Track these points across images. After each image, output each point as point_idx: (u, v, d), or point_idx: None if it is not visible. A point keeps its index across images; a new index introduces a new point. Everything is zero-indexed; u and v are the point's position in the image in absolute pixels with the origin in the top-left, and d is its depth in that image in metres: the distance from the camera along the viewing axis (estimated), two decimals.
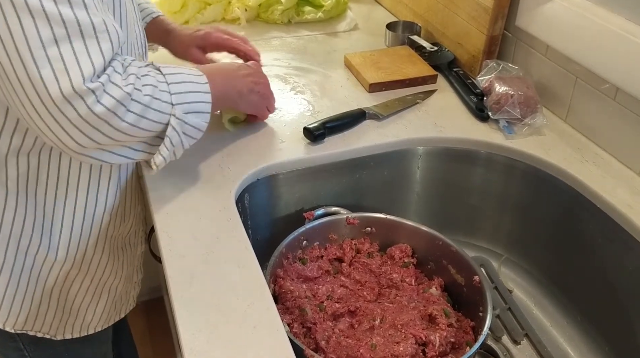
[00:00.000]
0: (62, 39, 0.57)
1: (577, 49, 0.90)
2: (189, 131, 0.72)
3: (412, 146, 0.97)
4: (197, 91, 0.72)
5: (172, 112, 0.69)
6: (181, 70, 0.72)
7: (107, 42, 0.60)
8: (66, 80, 0.57)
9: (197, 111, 0.73)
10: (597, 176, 0.86)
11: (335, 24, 1.34)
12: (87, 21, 0.58)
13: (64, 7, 0.56)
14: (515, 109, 0.94)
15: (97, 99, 0.59)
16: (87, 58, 0.58)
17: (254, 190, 0.89)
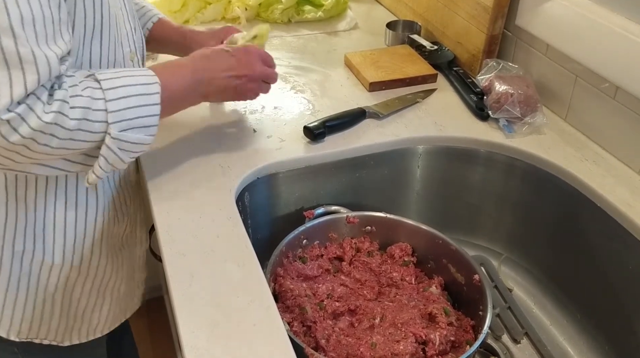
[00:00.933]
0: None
1: (577, 48, 0.90)
2: (127, 147, 0.68)
3: (412, 145, 0.97)
4: (142, 105, 0.68)
5: (108, 130, 0.65)
6: (127, 82, 0.68)
7: (33, 74, 0.58)
8: None
9: (140, 126, 0.69)
10: (597, 175, 0.86)
11: (336, 23, 1.34)
12: (13, 50, 0.56)
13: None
14: (515, 108, 0.94)
15: (13, 129, 0.58)
16: (6, 88, 0.56)
17: (254, 189, 0.89)
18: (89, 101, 0.64)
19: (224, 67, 0.81)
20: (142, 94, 0.68)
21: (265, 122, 0.99)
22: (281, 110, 1.03)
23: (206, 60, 0.81)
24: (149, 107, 0.69)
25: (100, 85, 0.65)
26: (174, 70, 0.77)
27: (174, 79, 0.75)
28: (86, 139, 0.65)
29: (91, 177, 0.69)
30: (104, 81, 0.66)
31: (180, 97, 0.77)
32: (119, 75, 0.68)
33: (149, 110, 0.69)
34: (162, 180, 0.84)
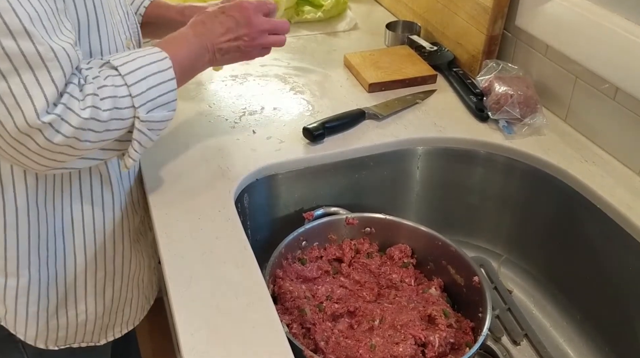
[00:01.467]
0: (9, 73, 0.55)
1: (576, 48, 0.90)
2: (155, 126, 0.70)
3: (411, 146, 0.97)
4: (161, 82, 0.69)
5: (136, 114, 0.66)
6: (141, 63, 0.68)
7: (58, 70, 0.58)
8: (20, 116, 0.56)
9: (163, 103, 0.69)
10: (597, 176, 0.86)
11: (335, 24, 1.34)
12: (33, 51, 0.56)
13: (6, 40, 0.55)
14: (514, 109, 0.93)
15: (56, 130, 0.58)
16: (38, 90, 0.56)
17: (253, 190, 0.89)
18: (113, 89, 0.64)
19: (222, 30, 0.79)
20: (157, 71, 0.69)
21: (264, 123, 0.99)
22: (280, 111, 1.03)
23: (202, 25, 0.79)
24: (167, 84, 0.69)
25: (118, 72, 0.65)
26: (176, 42, 0.76)
27: (179, 51, 0.74)
28: (118, 127, 0.65)
29: (128, 161, 0.70)
30: (121, 67, 0.66)
31: (190, 67, 0.77)
32: (131, 57, 0.68)
33: (167, 86, 0.69)
34: (161, 181, 0.84)
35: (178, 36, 0.77)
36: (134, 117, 0.66)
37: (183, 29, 0.79)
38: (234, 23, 0.80)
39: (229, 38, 0.79)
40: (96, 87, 0.62)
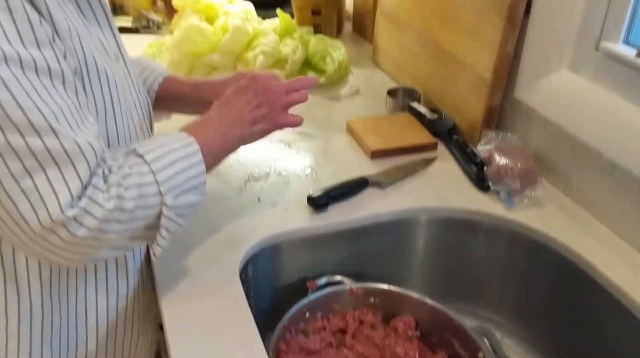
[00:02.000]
0: (34, 170, 0.55)
1: (575, 124, 0.93)
2: (184, 211, 0.69)
3: (414, 215, 0.98)
4: (188, 167, 0.69)
5: (163, 201, 0.66)
6: (167, 149, 0.68)
7: (83, 164, 0.58)
8: (44, 212, 0.56)
9: (191, 188, 0.69)
10: (598, 251, 0.87)
11: (338, 89, 1.37)
12: (58, 147, 0.56)
13: (32, 139, 0.55)
14: (515, 182, 0.95)
15: (80, 223, 0.58)
16: (63, 185, 0.56)
17: (257, 260, 0.89)
18: (139, 177, 0.64)
19: (244, 103, 0.81)
20: (184, 156, 0.69)
21: (269, 190, 1.01)
22: (285, 177, 1.05)
23: (226, 106, 0.81)
24: (195, 168, 0.69)
25: (144, 159, 0.65)
26: (202, 125, 0.77)
27: (206, 133, 0.75)
28: (145, 215, 0.65)
29: (157, 250, 0.69)
30: (147, 154, 0.66)
31: (219, 148, 0.77)
32: (156, 144, 0.68)
33: (195, 171, 0.69)
34: (167, 255, 0.83)
35: (204, 119, 0.79)
36: (162, 204, 0.66)
37: (209, 112, 0.80)
38: (252, 94, 0.82)
39: (252, 107, 0.81)
40: (120, 177, 0.62)
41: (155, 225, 0.68)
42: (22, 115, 0.54)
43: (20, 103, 0.54)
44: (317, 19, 1.57)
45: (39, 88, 0.56)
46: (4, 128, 0.54)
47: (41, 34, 0.57)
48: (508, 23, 1.00)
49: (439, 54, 1.21)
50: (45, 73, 0.57)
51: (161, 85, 0.94)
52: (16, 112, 0.54)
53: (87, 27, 0.68)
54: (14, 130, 0.54)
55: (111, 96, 0.68)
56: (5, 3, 0.54)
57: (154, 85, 0.94)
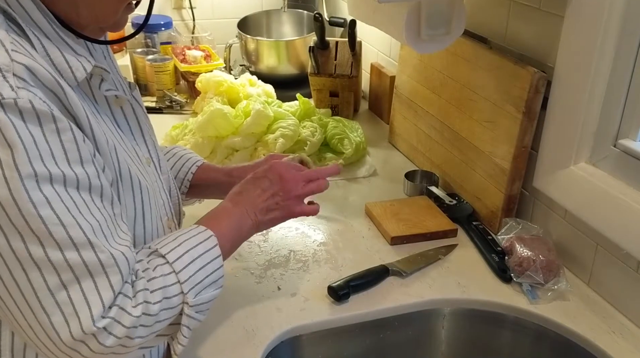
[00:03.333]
0: (70, 282, 0.57)
1: (595, 217, 0.93)
2: (204, 308, 0.70)
3: (436, 307, 0.97)
4: (208, 262, 0.70)
5: (185, 300, 0.67)
6: (188, 246, 0.69)
7: (116, 275, 0.59)
8: (76, 324, 0.57)
9: (210, 283, 0.70)
10: (626, 351, 0.85)
11: (355, 170, 1.39)
12: (95, 260, 0.58)
13: (69, 253, 0.57)
14: (538, 274, 0.95)
15: (109, 333, 0.59)
16: (96, 297, 0.58)
17: (277, 354, 0.88)
18: (163, 280, 0.65)
19: (258, 191, 0.83)
20: (203, 252, 0.70)
21: (289, 278, 1.01)
22: (305, 264, 1.05)
23: (239, 195, 0.83)
24: (213, 262, 0.71)
25: (166, 260, 0.67)
26: (218, 216, 0.79)
27: (222, 224, 0.76)
28: (168, 316, 0.66)
29: (177, 348, 0.69)
30: (168, 254, 0.67)
31: (235, 238, 0.79)
32: (178, 242, 0.69)
33: (214, 265, 0.71)
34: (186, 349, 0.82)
35: (218, 210, 0.81)
36: (183, 303, 0.67)
37: (222, 203, 0.83)
38: (267, 183, 0.84)
39: (266, 197, 0.83)
40: (146, 281, 0.63)
41: (177, 322, 0.68)
42: (63, 231, 0.56)
43: (61, 219, 0.56)
44: (334, 101, 1.61)
45: (80, 204, 0.58)
46: (44, 244, 0.56)
47: (85, 152, 0.60)
48: (526, 116, 1.02)
49: (456, 141, 1.24)
50: (86, 189, 0.59)
51: (195, 174, 0.97)
52: (57, 229, 0.56)
53: (121, 137, 0.71)
54: (54, 245, 0.56)
55: (142, 201, 0.71)
56: (54, 126, 0.57)
57: (188, 175, 0.97)
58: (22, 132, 0.55)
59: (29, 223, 0.55)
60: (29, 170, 0.55)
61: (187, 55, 1.74)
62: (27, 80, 0.56)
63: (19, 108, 0.55)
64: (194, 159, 0.99)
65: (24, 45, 0.59)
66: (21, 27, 0.60)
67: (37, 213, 0.55)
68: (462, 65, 1.20)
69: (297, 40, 1.76)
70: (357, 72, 1.58)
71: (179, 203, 0.89)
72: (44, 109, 0.56)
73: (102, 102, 0.69)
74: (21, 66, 0.57)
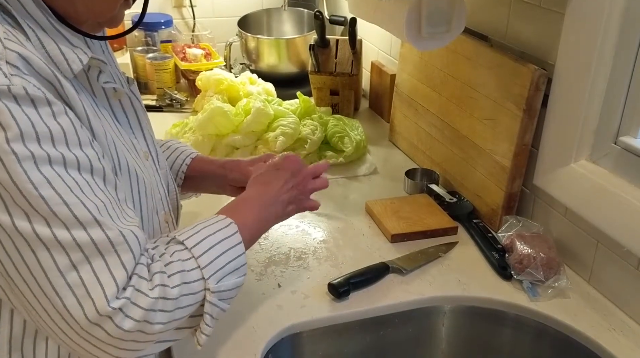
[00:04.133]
0: (81, 262, 0.56)
1: (596, 214, 0.93)
2: (226, 295, 0.68)
3: (436, 304, 0.97)
4: (228, 248, 0.69)
5: (206, 286, 0.65)
6: (207, 233, 0.68)
7: (127, 253, 0.58)
8: (90, 305, 0.56)
9: (232, 270, 0.69)
10: (627, 348, 0.85)
11: (356, 168, 1.39)
12: (103, 238, 0.57)
13: (77, 231, 0.56)
14: (538, 272, 0.95)
15: (125, 315, 0.57)
16: (108, 276, 0.57)
17: (277, 350, 0.88)
18: (181, 264, 0.64)
19: (281, 182, 0.83)
20: (223, 238, 0.69)
21: (289, 275, 1.01)
22: (305, 261, 1.05)
23: (264, 185, 0.83)
24: (234, 249, 0.69)
25: (185, 246, 0.66)
26: (240, 205, 0.79)
27: (244, 214, 0.76)
28: (190, 303, 0.64)
29: (201, 338, 0.68)
30: (187, 240, 0.66)
31: (257, 227, 0.78)
32: (196, 229, 0.69)
33: (235, 252, 0.69)
34: (185, 345, 0.83)
35: (241, 199, 0.80)
36: (205, 290, 0.65)
37: (245, 192, 0.82)
38: (290, 174, 0.85)
39: (288, 188, 0.84)
40: (163, 265, 0.62)
41: (199, 313, 0.67)
42: (67, 210, 0.55)
43: (64, 199, 0.55)
44: (335, 99, 1.61)
45: (82, 184, 0.57)
46: (50, 223, 0.55)
47: (83, 136, 0.59)
48: (526, 114, 1.02)
49: (456, 139, 1.24)
50: (88, 170, 0.59)
51: (190, 165, 0.97)
52: (61, 208, 0.55)
53: (119, 131, 0.71)
54: (60, 224, 0.55)
55: (139, 194, 0.70)
56: (50, 109, 0.56)
57: (183, 167, 0.97)
58: (18, 115, 0.54)
59: (31, 203, 0.54)
60: (24, 151, 0.54)
61: (187, 54, 1.74)
62: (21, 68, 0.56)
63: (13, 94, 0.54)
64: (187, 151, 0.99)
65: (18, 36, 0.58)
66: (15, 20, 0.59)
67: (38, 193, 0.54)
68: (462, 63, 1.20)
69: (298, 39, 1.76)
70: (357, 70, 1.58)
71: (176, 198, 0.88)
72: (38, 94, 0.55)
73: (100, 94, 0.69)
74: (14, 54, 0.56)
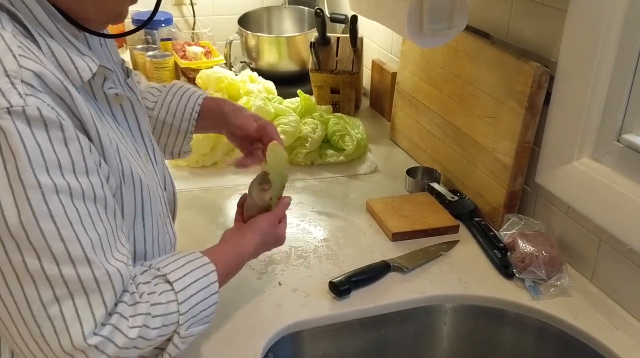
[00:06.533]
0: (64, 297, 0.56)
1: (598, 213, 0.92)
2: (189, 340, 0.69)
3: (437, 302, 0.97)
4: (206, 298, 0.70)
5: (177, 330, 0.66)
6: (194, 277, 0.69)
7: (109, 291, 0.59)
8: (66, 338, 0.56)
9: (203, 318, 0.71)
10: (629, 347, 0.84)
11: (356, 166, 1.38)
12: (89, 276, 0.57)
13: (66, 267, 0.56)
14: (540, 270, 0.94)
15: (100, 351, 0.58)
16: (88, 313, 0.57)
17: (278, 348, 0.88)
18: (165, 307, 0.65)
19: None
20: (205, 286, 0.70)
21: (290, 274, 1.00)
22: (306, 260, 1.04)
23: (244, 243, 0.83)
24: (210, 298, 0.71)
25: (172, 287, 0.66)
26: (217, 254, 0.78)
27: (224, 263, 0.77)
28: (159, 341, 0.65)
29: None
30: (176, 283, 0.67)
31: (231, 275, 0.80)
32: (186, 270, 0.69)
33: (210, 301, 0.71)
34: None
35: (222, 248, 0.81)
36: (174, 333, 0.66)
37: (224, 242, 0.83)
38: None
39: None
40: (150, 305, 0.63)
41: (161, 347, 0.67)
42: (61, 246, 0.56)
43: (62, 234, 0.56)
44: (335, 97, 1.61)
45: (84, 215, 0.58)
46: (41, 257, 0.55)
47: (90, 162, 0.59)
48: (528, 112, 1.02)
49: (458, 137, 1.23)
50: (91, 199, 0.59)
51: (201, 107, 0.96)
52: (56, 243, 0.55)
53: (122, 135, 0.71)
54: (51, 259, 0.55)
55: (142, 199, 0.70)
56: (62, 135, 0.56)
57: (194, 114, 0.96)
58: (29, 141, 0.54)
59: (28, 235, 0.54)
60: (32, 181, 0.54)
61: (187, 52, 1.74)
62: (36, 86, 0.56)
63: (27, 116, 0.54)
64: (197, 94, 0.97)
65: (31, 47, 0.58)
66: (26, 28, 0.60)
67: (38, 225, 0.54)
68: (464, 60, 1.19)
69: (298, 37, 1.75)
70: (358, 68, 1.58)
71: (174, 196, 0.88)
72: (52, 116, 0.56)
73: (101, 99, 0.69)
74: (30, 72, 0.56)
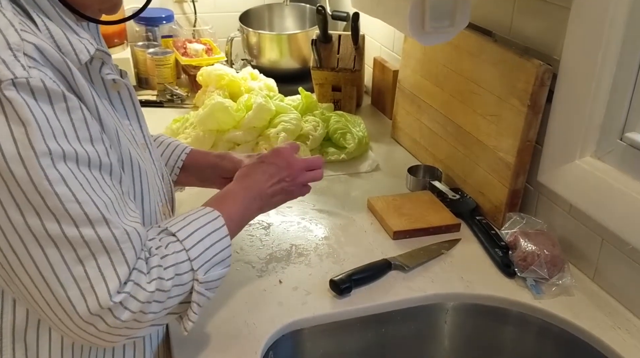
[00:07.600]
0: (87, 257, 0.58)
1: (601, 211, 0.92)
2: (213, 285, 0.71)
3: (439, 301, 0.96)
4: (215, 242, 0.72)
5: (195, 277, 0.68)
6: (196, 225, 0.71)
7: (130, 250, 0.61)
8: (93, 299, 0.58)
9: (219, 261, 0.72)
10: (631, 347, 0.84)
11: (358, 164, 1.38)
12: (109, 236, 0.59)
13: (85, 229, 0.58)
14: (542, 269, 0.94)
15: (124, 307, 0.60)
16: (112, 272, 0.59)
17: (278, 347, 0.87)
18: (174, 257, 0.66)
19: (266, 177, 0.86)
20: (212, 231, 0.72)
21: (290, 272, 1.00)
22: (307, 257, 1.04)
23: (247, 178, 0.86)
24: (221, 241, 0.72)
25: (177, 238, 0.68)
26: (225, 198, 0.81)
27: (229, 207, 0.78)
28: (180, 293, 0.67)
29: (188, 324, 0.70)
30: (179, 232, 0.69)
31: (241, 219, 0.81)
32: (187, 221, 0.71)
33: (222, 244, 0.72)
34: (187, 339, 0.82)
35: (226, 193, 0.83)
36: (193, 280, 0.68)
37: (230, 186, 0.84)
38: (275, 169, 0.88)
39: (273, 182, 0.86)
40: (160, 258, 0.65)
41: (188, 300, 0.69)
42: (78, 208, 0.57)
43: (77, 197, 0.57)
44: (337, 95, 1.60)
45: (92, 181, 0.59)
46: (60, 220, 0.56)
47: (94, 130, 0.61)
48: (531, 110, 1.01)
49: (459, 135, 1.22)
50: (97, 166, 0.60)
51: (186, 158, 0.98)
52: (73, 205, 0.57)
53: (120, 121, 0.71)
54: (70, 222, 0.57)
55: (141, 184, 0.72)
56: (65, 105, 0.58)
57: (179, 162, 0.97)
58: (35, 110, 0.55)
59: (45, 200, 0.55)
60: (43, 148, 0.55)
61: (188, 49, 1.73)
62: (38, 60, 0.57)
63: (31, 87, 0.55)
64: (182, 146, 1.00)
65: (30, 26, 0.60)
66: (25, 10, 0.61)
67: (53, 190, 0.56)
68: (466, 58, 1.18)
69: (300, 34, 1.75)
70: (359, 66, 1.57)
71: (171, 190, 0.88)
72: (55, 87, 0.57)
73: (99, 85, 0.69)
74: (31, 45, 0.57)
